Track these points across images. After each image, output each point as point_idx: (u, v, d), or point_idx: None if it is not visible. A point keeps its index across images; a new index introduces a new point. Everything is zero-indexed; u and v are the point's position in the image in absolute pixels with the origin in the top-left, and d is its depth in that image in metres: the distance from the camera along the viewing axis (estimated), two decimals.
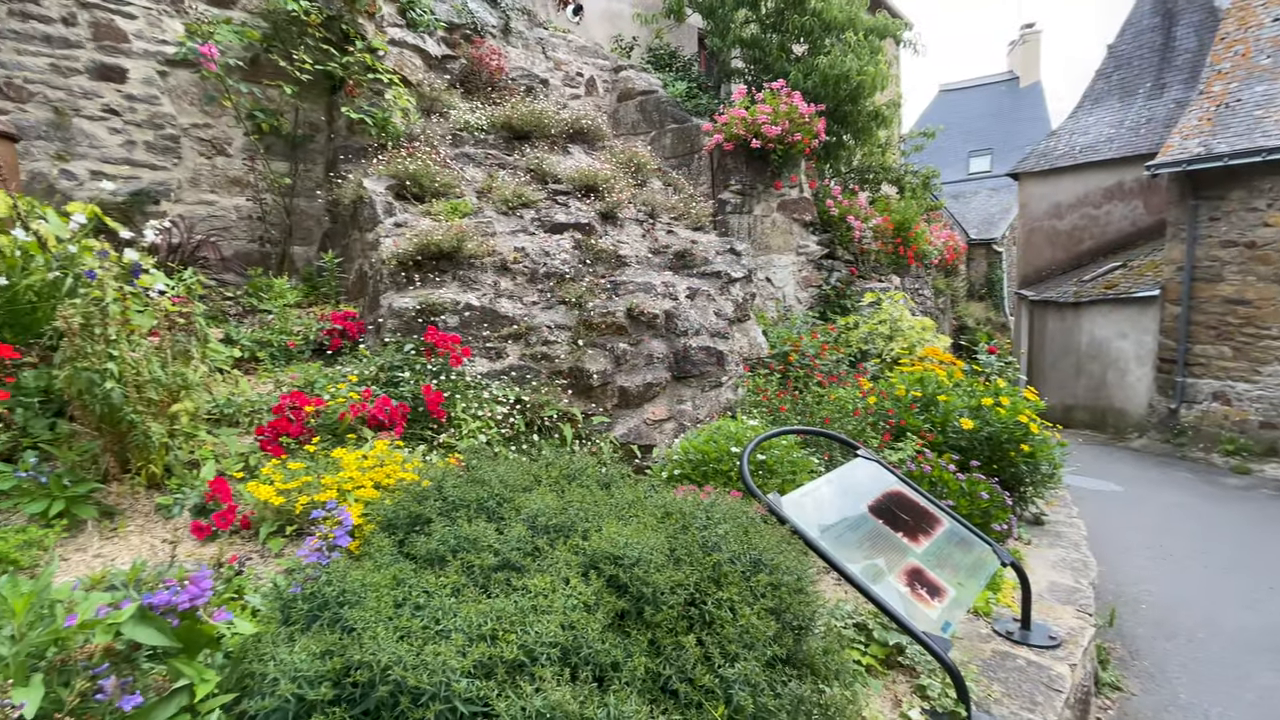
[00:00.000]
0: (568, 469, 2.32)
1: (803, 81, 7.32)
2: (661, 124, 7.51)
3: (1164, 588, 5.21)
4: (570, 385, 3.56)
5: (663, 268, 4.30)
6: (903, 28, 8.21)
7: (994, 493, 3.74)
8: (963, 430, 4.08)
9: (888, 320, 6.20)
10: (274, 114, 4.96)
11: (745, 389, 4.33)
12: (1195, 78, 11.44)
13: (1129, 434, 10.93)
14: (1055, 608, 3.18)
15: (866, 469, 3.13)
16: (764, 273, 7.34)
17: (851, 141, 8.54)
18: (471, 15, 6.32)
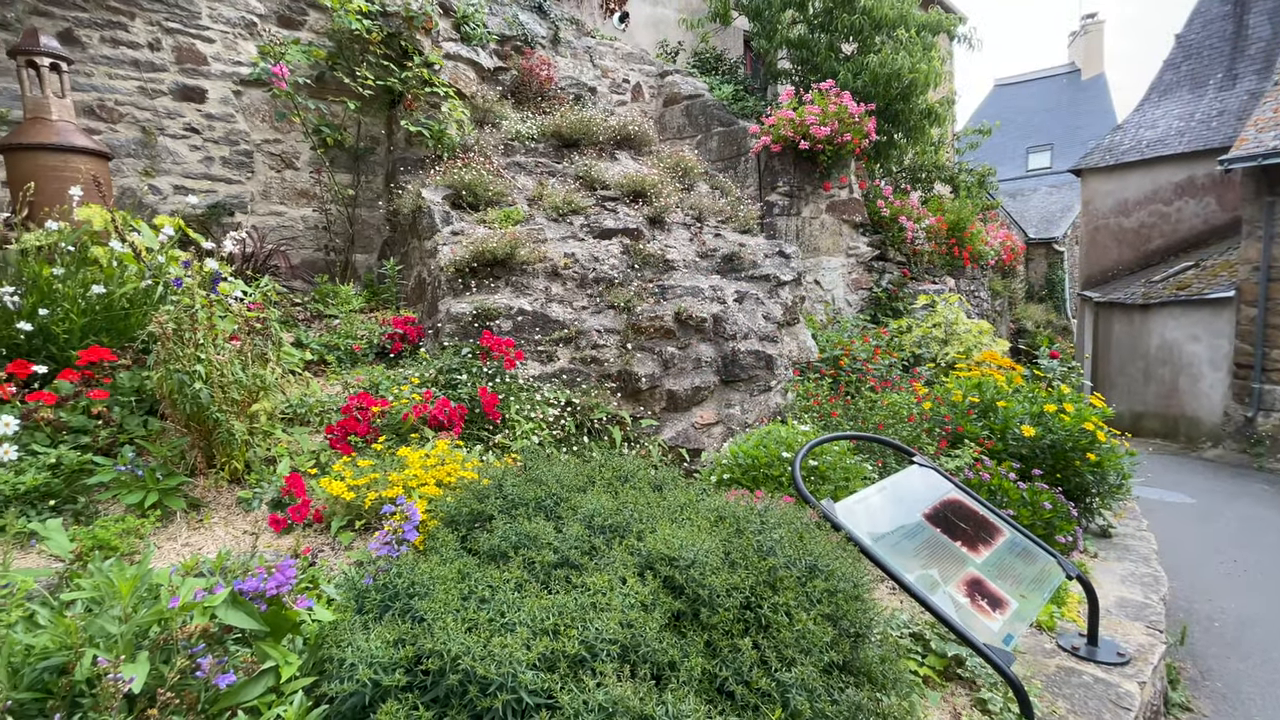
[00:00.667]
0: (620, 471, 2.36)
1: (852, 81, 7.21)
2: (708, 127, 7.52)
3: (1238, 605, 4.91)
4: (619, 389, 3.60)
5: (710, 271, 4.31)
6: (957, 22, 7.99)
7: (1057, 503, 3.60)
8: (1023, 438, 3.95)
9: (942, 323, 6.04)
10: (338, 128, 5.20)
11: (795, 394, 4.29)
12: (1270, 67, 10.76)
13: (1202, 443, 10.32)
14: (1123, 624, 3.04)
15: (922, 476, 3.06)
16: (813, 275, 7.26)
17: (903, 140, 8.35)
18: (522, 27, 6.47)
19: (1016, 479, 3.67)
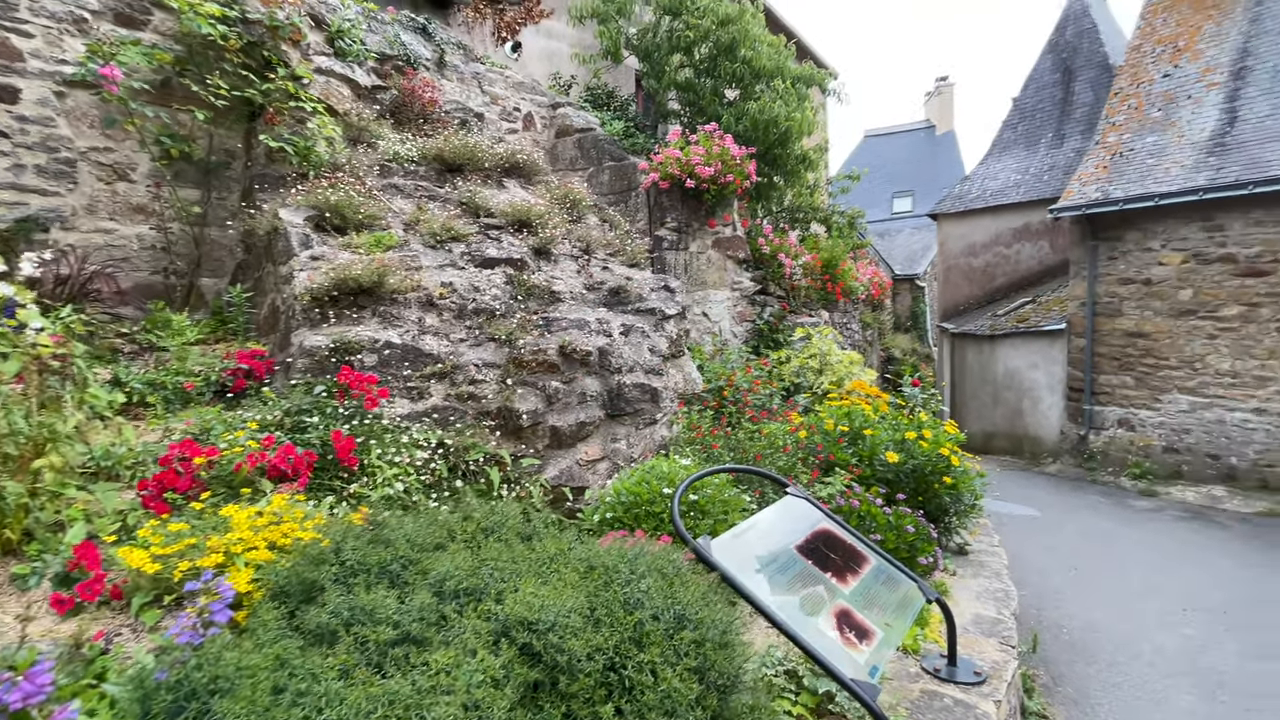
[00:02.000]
0: (486, 522, 2.18)
1: (734, 125, 7.54)
2: (599, 161, 7.56)
3: (1083, 612, 5.41)
4: (499, 426, 3.41)
5: (597, 304, 4.25)
6: (828, 77, 8.63)
7: (919, 526, 3.80)
8: (889, 464, 4.15)
9: (818, 354, 6.34)
10: (184, 139, 4.68)
11: (680, 426, 4.29)
12: (1092, 129, 12.50)
13: (1044, 459, 11.53)
14: (980, 641, 3.22)
15: (796, 507, 3.11)
16: (700, 308, 7.42)
17: (782, 183, 8.83)
18: (404, 47, 6.22)
19: (883, 504, 3.84)
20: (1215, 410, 9.23)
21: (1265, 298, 8.67)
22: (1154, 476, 9.59)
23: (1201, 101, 10.03)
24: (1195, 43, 10.71)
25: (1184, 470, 9.55)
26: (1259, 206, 8.61)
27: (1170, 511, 8.34)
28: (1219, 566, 6.28)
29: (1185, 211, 9.28)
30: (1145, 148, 10.24)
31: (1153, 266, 9.74)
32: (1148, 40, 11.48)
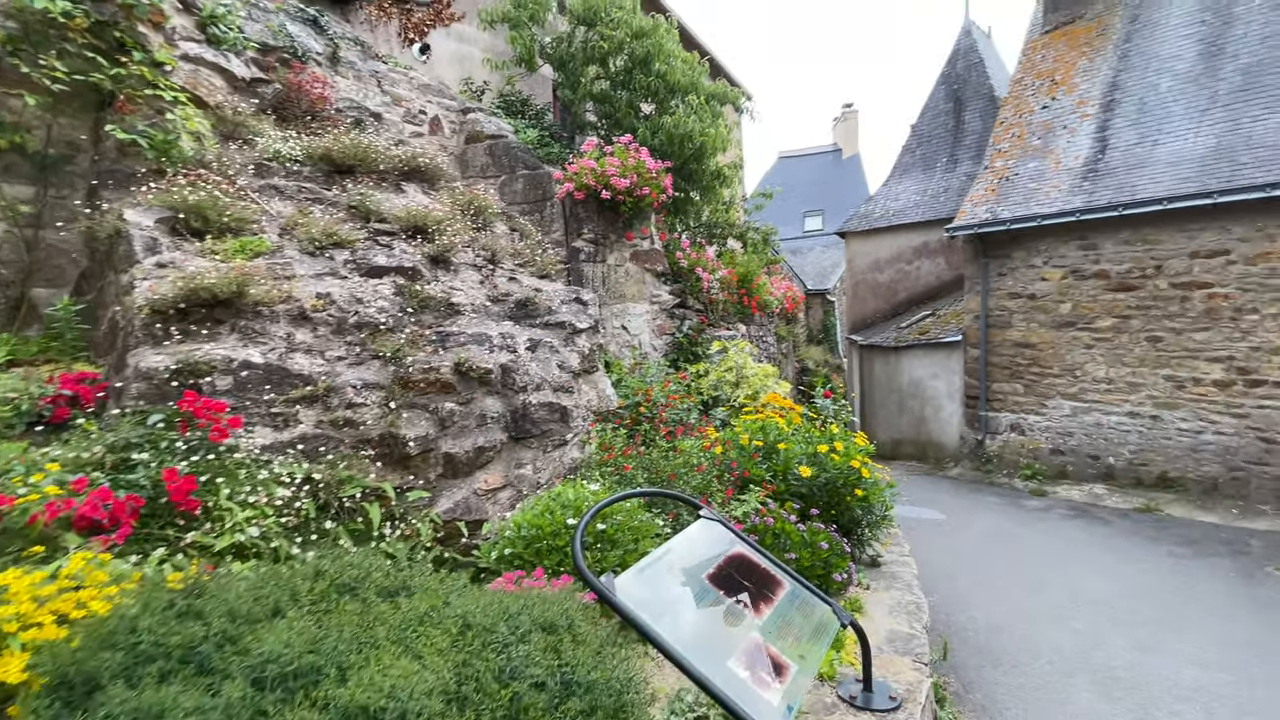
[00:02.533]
0: (342, 576, 1.83)
1: (650, 139, 7.44)
2: (512, 169, 7.23)
3: (987, 613, 5.55)
4: (381, 456, 3.03)
5: (502, 317, 3.93)
6: (741, 96, 8.72)
7: (833, 541, 3.71)
8: (802, 478, 4.07)
9: (734, 367, 6.27)
10: (15, 129, 4.01)
11: (594, 446, 4.03)
12: (982, 154, 13.36)
13: (947, 464, 12.08)
14: (894, 660, 3.14)
15: (710, 531, 2.92)
16: (620, 321, 7.21)
17: (698, 198, 8.82)
18: (291, 39, 5.69)
19: (797, 520, 3.73)
20: (1094, 414, 9.95)
21: (1135, 310, 9.45)
22: (1043, 477, 10.21)
23: (1076, 131, 10.91)
24: (1070, 77, 11.67)
25: (1069, 470, 10.22)
26: (1127, 227, 9.40)
27: (1058, 510, 8.86)
28: (1102, 562, 6.66)
29: (1064, 231, 10.01)
30: (1028, 173, 11.01)
31: (1037, 282, 10.44)
32: (1028, 74, 12.42)
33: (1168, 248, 9.08)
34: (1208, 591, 5.85)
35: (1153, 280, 9.22)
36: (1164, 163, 9.36)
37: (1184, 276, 8.95)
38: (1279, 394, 8.30)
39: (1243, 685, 4.32)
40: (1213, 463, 8.88)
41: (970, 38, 15.88)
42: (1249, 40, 9.66)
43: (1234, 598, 5.71)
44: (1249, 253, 8.42)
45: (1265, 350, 8.35)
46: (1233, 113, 9.18)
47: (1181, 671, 4.49)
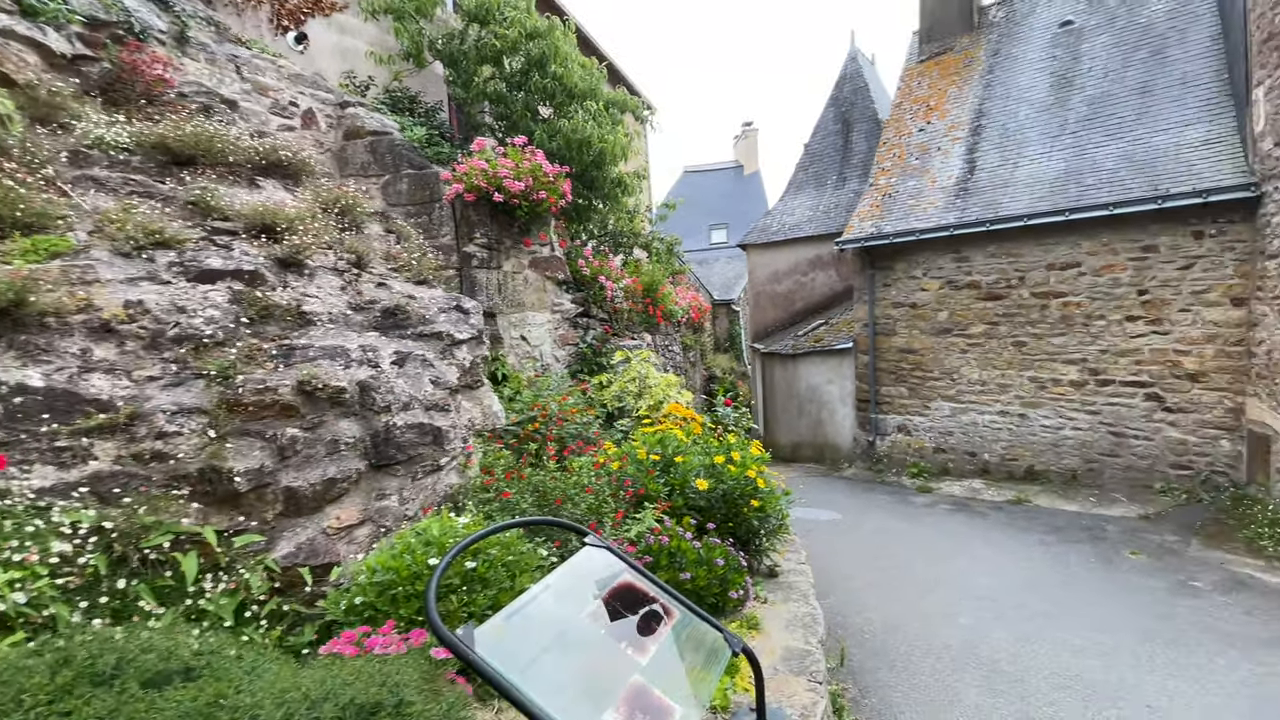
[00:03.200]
0: (96, 663, 1.38)
1: (547, 142, 7.11)
2: (396, 168, 6.66)
3: (882, 613, 5.60)
4: (202, 494, 2.51)
5: (366, 328, 3.46)
6: (641, 105, 8.58)
7: (730, 557, 3.52)
8: (700, 491, 3.87)
9: (637, 377, 6.04)
10: None
11: (475, 469, 3.63)
12: (868, 172, 14.03)
13: (842, 464, 12.49)
14: (789, 681, 2.98)
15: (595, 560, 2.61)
16: (519, 331, 6.81)
17: (601, 206, 8.58)
18: (127, 13, 4.90)
19: (694, 537, 3.52)
20: (970, 414, 10.59)
21: (1002, 318, 10.14)
22: (928, 474, 10.74)
23: (949, 153, 11.66)
24: (943, 103, 12.49)
25: (950, 467, 10.81)
26: (994, 241, 10.09)
27: (942, 505, 9.29)
28: (983, 555, 6.97)
29: (940, 245, 10.63)
30: (907, 190, 11.64)
31: (917, 292, 11.01)
32: (907, 99, 13.20)
33: (1028, 260, 9.83)
34: (1076, 577, 6.23)
35: (1017, 290, 9.95)
36: (1023, 183, 10.15)
37: (1043, 286, 9.71)
38: (1125, 392, 9.15)
39: (1112, 669, 4.55)
40: (1072, 456, 9.66)
41: (856, 64, 16.76)
42: (1093, 75, 10.72)
43: (1098, 582, 6.11)
44: (1096, 265, 9.25)
45: (1112, 353, 9.19)
46: (1080, 139, 10.11)
47: (1058, 660, 4.67)
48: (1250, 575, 6.20)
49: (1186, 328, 8.58)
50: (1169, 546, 7.10)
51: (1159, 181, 8.67)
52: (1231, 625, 5.19)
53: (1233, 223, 8.15)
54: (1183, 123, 9.18)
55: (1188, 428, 8.66)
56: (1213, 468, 8.52)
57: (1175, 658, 4.70)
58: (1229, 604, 5.58)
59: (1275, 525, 7.01)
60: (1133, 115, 9.75)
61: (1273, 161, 7.51)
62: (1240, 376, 8.26)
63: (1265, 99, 7.60)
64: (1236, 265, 8.18)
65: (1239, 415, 8.31)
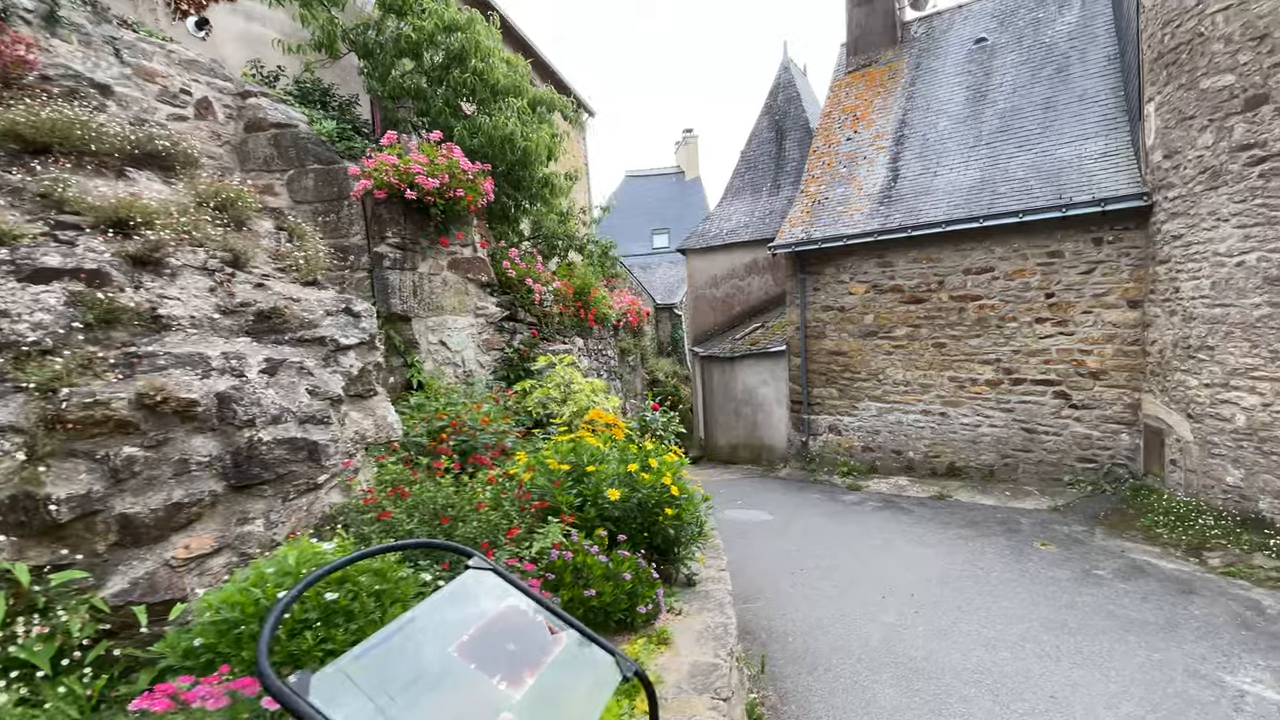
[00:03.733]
0: None
1: (469, 140, 6.81)
2: (302, 163, 6.22)
3: (805, 614, 5.56)
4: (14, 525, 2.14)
5: (236, 333, 3.11)
6: (570, 105, 8.38)
7: (640, 570, 3.34)
8: (613, 501, 3.68)
9: (561, 383, 5.81)
10: None
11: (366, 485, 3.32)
12: (800, 179, 14.25)
13: (778, 465, 12.59)
14: (691, 702, 2.82)
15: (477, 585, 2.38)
16: (437, 336, 6.46)
17: (530, 207, 8.32)
18: None
19: (602, 551, 3.33)
20: (895, 414, 10.83)
21: (923, 320, 10.42)
22: (858, 473, 10.92)
23: (874, 161, 11.95)
24: (869, 114, 12.81)
25: (878, 465, 11.04)
26: (915, 247, 10.37)
27: (870, 503, 9.44)
28: (905, 552, 7.07)
29: (866, 250, 10.85)
30: (836, 197, 11.86)
31: (845, 296, 11.22)
32: (835, 109, 13.47)
33: (947, 265, 10.14)
34: (989, 570, 6.37)
35: (936, 294, 10.25)
36: (942, 191, 10.48)
37: (960, 290, 10.04)
38: (1036, 390, 9.53)
39: (1020, 660, 4.62)
40: (989, 452, 10.00)
41: (789, 74, 17.06)
42: (1004, 90, 11.19)
43: (1011, 574, 6.26)
44: (1008, 269, 9.62)
45: (1024, 353, 9.57)
46: (994, 150, 10.52)
47: (971, 655, 4.72)
48: (1148, 562, 6.50)
49: (1089, 329, 9.01)
50: (1076, 537, 7.39)
51: (1063, 191, 9.09)
52: (1130, 611, 5.39)
53: (1128, 230, 8.61)
54: (1083, 136, 9.67)
55: (1092, 423, 9.10)
56: (1114, 460, 8.97)
57: (1079, 646, 4.82)
58: (1128, 591, 5.80)
59: (1169, 514, 7.41)
60: (1039, 128, 10.22)
61: (1162, 173, 7.97)
62: (1137, 374, 8.73)
63: (1155, 114, 8.06)
64: (1132, 270, 8.65)
65: (1136, 410, 8.78)
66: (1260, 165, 6.60)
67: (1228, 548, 6.60)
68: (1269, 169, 6.52)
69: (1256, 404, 6.72)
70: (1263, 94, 6.55)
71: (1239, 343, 6.87)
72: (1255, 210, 6.66)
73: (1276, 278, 6.49)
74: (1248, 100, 6.70)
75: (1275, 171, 6.47)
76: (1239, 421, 6.88)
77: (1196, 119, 7.30)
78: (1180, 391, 7.68)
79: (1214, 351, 7.15)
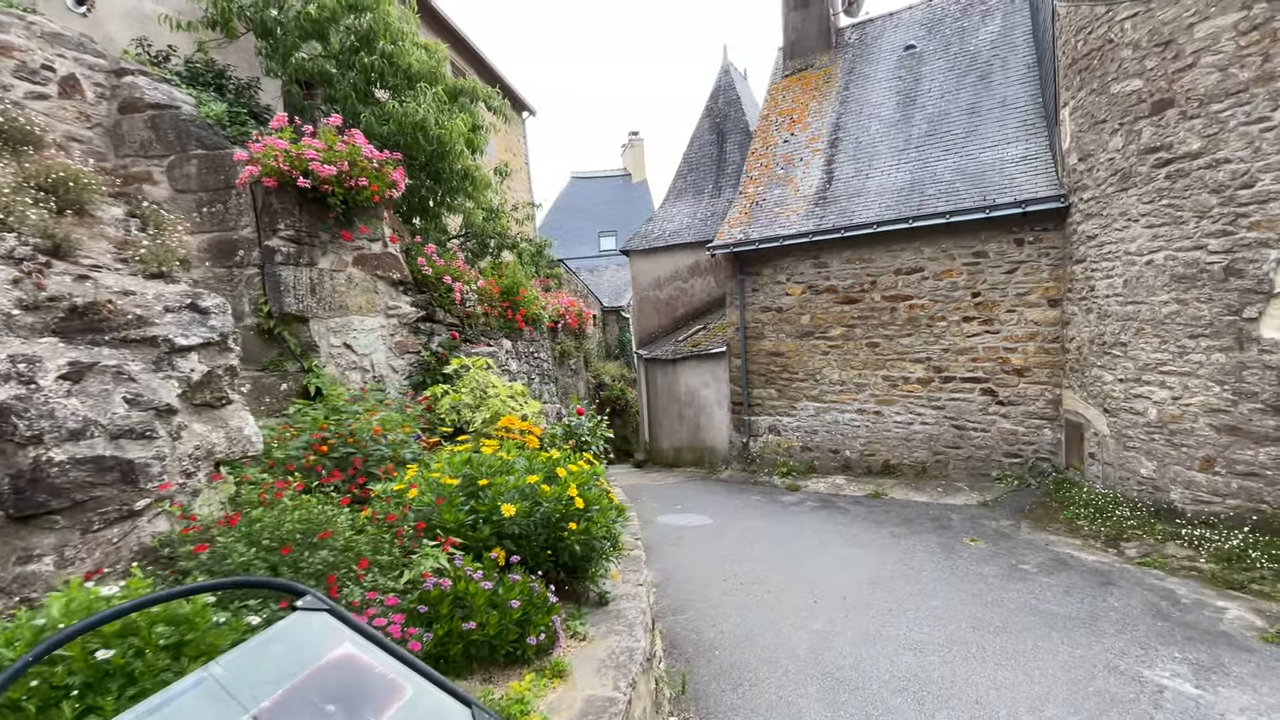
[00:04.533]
0: None
1: (378, 127, 6.28)
2: (184, 148, 5.58)
3: (736, 623, 5.28)
4: None
5: (41, 331, 2.57)
6: (495, 95, 7.92)
7: (531, 595, 2.95)
8: (510, 518, 3.28)
9: (475, 387, 5.37)
10: None
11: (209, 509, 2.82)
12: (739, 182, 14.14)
13: (720, 467, 12.40)
14: None
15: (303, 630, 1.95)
16: (341, 338, 5.90)
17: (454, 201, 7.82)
18: None
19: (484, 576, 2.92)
20: (832, 413, 10.78)
21: (857, 320, 10.40)
22: (797, 473, 10.81)
23: (810, 163, 11.93)
24: (805, 116, 12.80)
25: (816, 465, 10.96)
26: (849, 248, 10.35)
27: (809, 503, 9.31)
28: (839, 553, 6.91)
29: (802, 251, 10.78)
30: (773, 198, 11.77)
31: (782, 296, 11.12)
32: (773, 112, 13.43)
33: (879, 265, 10.15)
34: (920, 569, 6.26)
35: (869, 294, 10.25)
36: (874, 193, 10.51)
37: (892, 290, 10.06)
38: (965, 388, 9.62)
39: (947, 663, 4.44)
40: (921, 449, 10.04)
41: (729, 76, 17.01)
42: (933, 95, 11.33)
43: (940, 572, 6.16)
44: (937, 270, 9.69)
45: (952, 351, 9.64)
46: (923, 153, 10.61)
47: (899, 661, 4.52)
48: (1070, 554, 6.52)
49: (1013, 327, 9.14)
50: (1003, 531, 7.39)
51: (987, 193, 9.20)
52: (1054, 605, 5.33)
53: (1047, 230, 8.77)
54: (1005, 140, 9.85)
55: (1017, 419, 9.22)
56: (1038, 454, 9.11)
57: (1005, 645, 4.70)
58: (1052, 585, 5.77)
59: (1089, 506, 7.50)
60: (965, 133, 10.37)
61: (1078, 175, 8.12)
62: (1057, 370, 8.89)
63: (1070, 118, 8.22)
64: (1051, 269, 8.81)
65: (1058, 406, 8.94)
66: (1167, 167, 6.75)
67: (1143, 538, 6.70)
68: (1174, 170, 6.67)
69: (1166, 398, 6.85)
70: (1168, 98, 6.70)
71: (1149, 339, 7.01)
72: (1163, 210, 6.80)
73: (1183, 275, 6.64)
74: (1154, 104, 6.85)
75: (1181, 173, 6.61)
76: (1151, 415, 7.02)
77: (1108, 123, 7.45)
78: (1097, 387, 7.81)
79: (1127, 348, 7.29)
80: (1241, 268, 6.20)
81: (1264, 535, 6.11)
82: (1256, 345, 6.15)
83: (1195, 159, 6.48)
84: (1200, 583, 5.77)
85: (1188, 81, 6.51)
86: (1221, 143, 6.27)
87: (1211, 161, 6.35)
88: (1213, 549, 6.16)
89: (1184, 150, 6.57)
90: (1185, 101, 6.54)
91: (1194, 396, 6.60)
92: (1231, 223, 6.24)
